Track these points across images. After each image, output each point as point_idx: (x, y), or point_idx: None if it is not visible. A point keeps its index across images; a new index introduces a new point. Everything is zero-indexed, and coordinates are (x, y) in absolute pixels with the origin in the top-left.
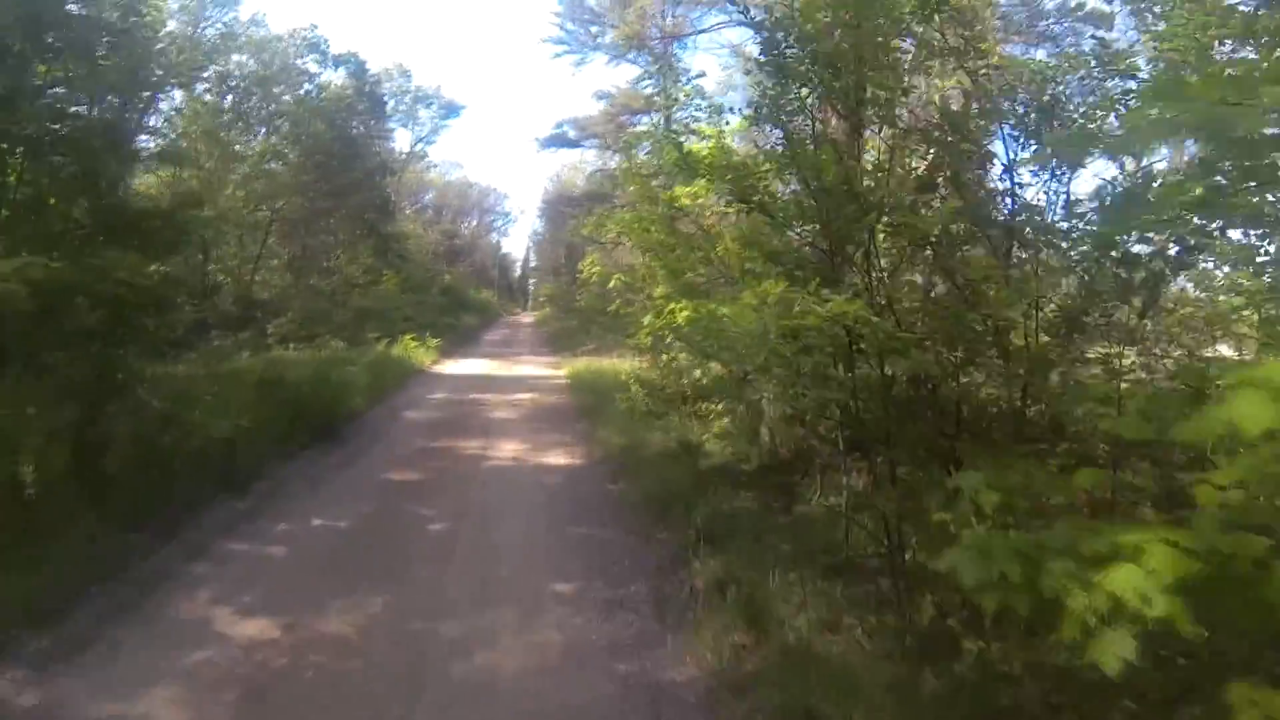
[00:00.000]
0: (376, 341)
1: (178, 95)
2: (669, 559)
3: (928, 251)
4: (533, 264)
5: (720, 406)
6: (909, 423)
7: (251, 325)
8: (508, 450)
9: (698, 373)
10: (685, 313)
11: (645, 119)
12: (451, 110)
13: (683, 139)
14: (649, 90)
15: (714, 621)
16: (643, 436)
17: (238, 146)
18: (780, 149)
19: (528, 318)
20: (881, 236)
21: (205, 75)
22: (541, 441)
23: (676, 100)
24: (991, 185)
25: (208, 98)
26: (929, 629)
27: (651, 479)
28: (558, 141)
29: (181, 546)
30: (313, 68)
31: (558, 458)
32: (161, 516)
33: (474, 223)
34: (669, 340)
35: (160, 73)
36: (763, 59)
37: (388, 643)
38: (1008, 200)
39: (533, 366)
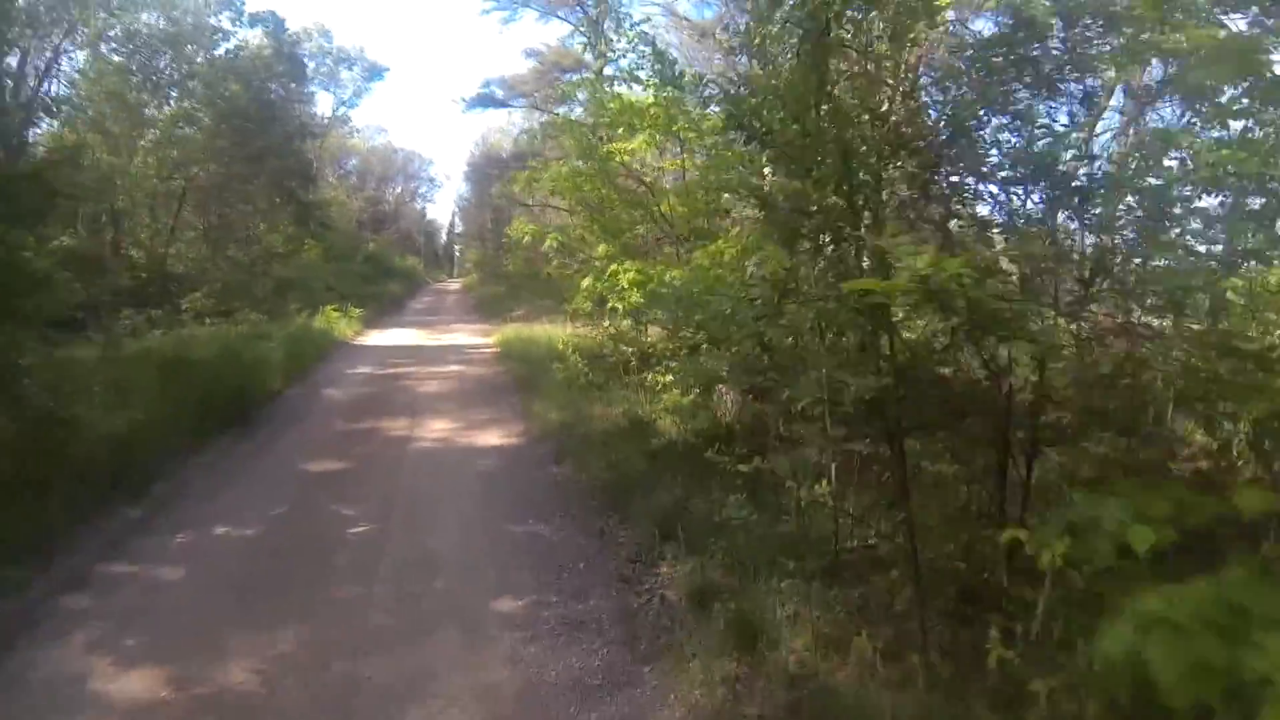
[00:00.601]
0: (297, 314)
1: (80, 56)
2: (631, 563)
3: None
4: (458, 230)
5: (669, 377)
6: (967, 414)
7: (166, 301)
8: (437, 430)
9: (649, 337)
10: (629, 274)
11: (578, 77)
12: (375, 72)
13: (624, 88)
14: (582, 46)
15: (697, 644)
16: (584, 410)
17: (149, 110)
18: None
19: (454, 284)
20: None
21: (112, 34)
22: (474, 419)
23: (613, 51)
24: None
25: (115, 58)
26: (952, 644)
27: (599, 461)
28: (484, 101)
29: (59, 574)
30: (227, 26)
31: (492, 437)
32: (38, 537)
33: (399, 189)
34: (611, 305)
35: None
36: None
37: (304, 697)
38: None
39: (461, 335)
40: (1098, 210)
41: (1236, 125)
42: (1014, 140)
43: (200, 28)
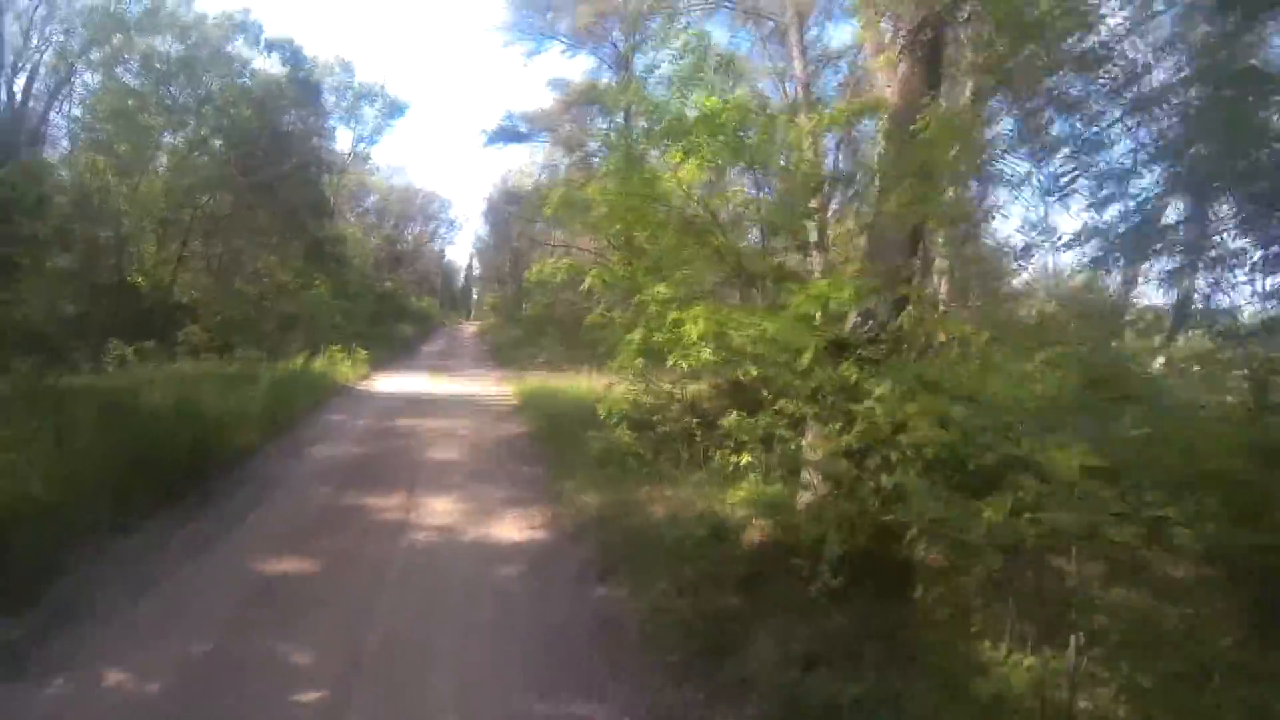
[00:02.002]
0: (298, 353)
1: (91, 79)
2: None
3: None
4: (476, 272)
5: (746, 457)
6: None
7: (169, 333)
8: (440, 514)
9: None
10: (699, 323)
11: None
12: (396, 109)
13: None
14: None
15: None
16: (630, 496)
17: (166, 136)
18: None
19: (470, 327)
20: None
21: (127, 56)
22: (488, 498)
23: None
24: None
25: (129, 80)
26: None
27: (662, 580)
28: (506, 135)
29: None
30: (244, 53)
31: (511, 529)
32: None
33: (417, 230)
34: (673, 362)
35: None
36: None
37: None
38: None
39: (475, 384)
40: None
41: None
42: None
43: (215, 54)
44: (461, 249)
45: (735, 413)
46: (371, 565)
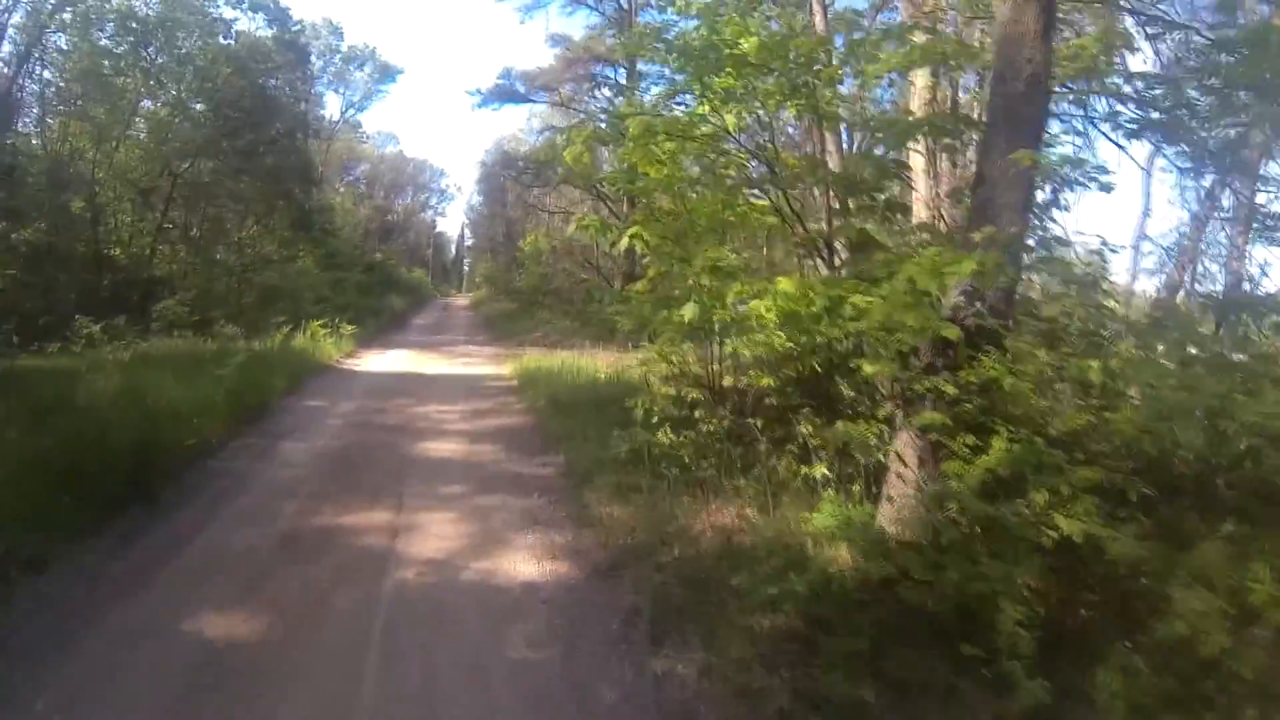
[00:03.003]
0: (279, 328)
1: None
2: None
3: None
4: (468, 242)
5: (822, 469)
6: None
7: (141, 307)
8: (435, 537)
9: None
10: (781, 294)
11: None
12: (387, 74)
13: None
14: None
15: None
16: (671, 511)
17: (146, 103)
18: None
19: (463, 299)
20: None
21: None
22: (492, 514)
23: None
24: None
25: (104, 41)
26: None
27: (743, 644)
28: (502, 96)
29: None
30: (227, 13)
31: (525, 561)
32: None
33: (408, 199)
34: (732, 348)
35: None
36: None
37: None
38: None
39: (470, 361)
40: None
41: None
42: None
43: (195, 11)
44: (454, 220)
45: (807, 411)
46: (348, 624)
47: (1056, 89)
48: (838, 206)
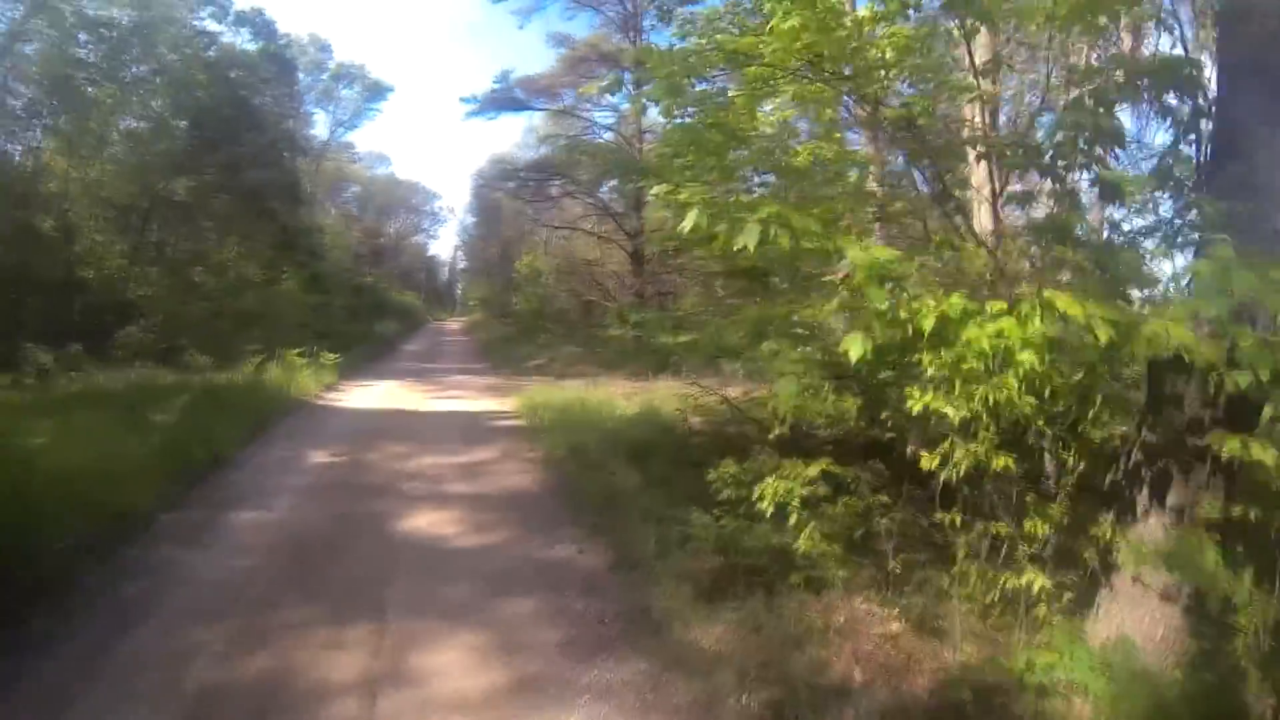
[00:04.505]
0: (253, 357)
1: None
2: None
3: None
4: (462, 265)
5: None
6: None
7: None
8: (436, 689)
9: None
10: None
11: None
12: (377, 92)
13: None
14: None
15: None
16: (785, 628)
17: (126, 120)
18: None
19: (456, 324)
20: None
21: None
22: (521, 639)
23: None
24: None
25: (79, 52)
26: None
27: None
28: (499, 104)
29: None
30: (211, 26)
31: None
32: None
33: (400, 222)
34: (925, 404)
35: None
36: None
37: None
38: None
39: (465, 394)
40: None
41: None
42: None
43: (173, 19)
44: (446, 243)
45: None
46: None
47: None
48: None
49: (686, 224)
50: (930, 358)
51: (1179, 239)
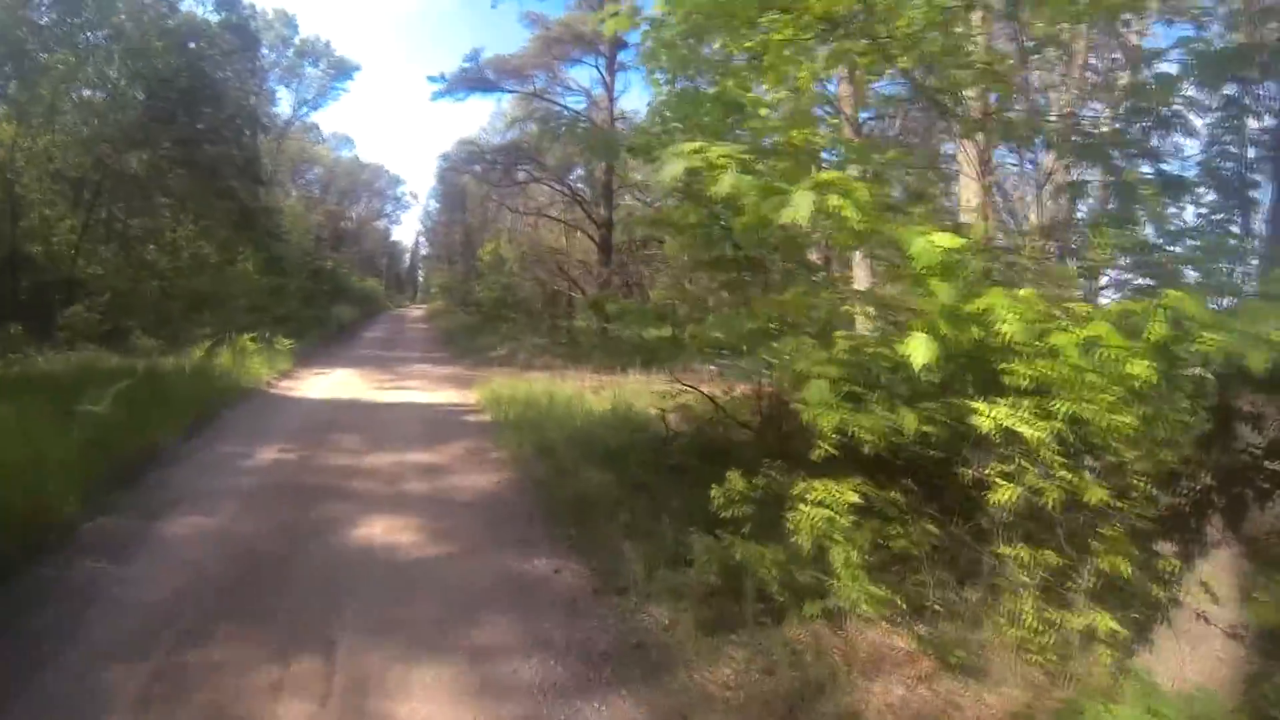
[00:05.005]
0: (204, 340)
1: None
2: None
3: None
4: (424, 251)
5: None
6: None
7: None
8: None
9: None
10: None
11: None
12: (343, 71)
13: None
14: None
15: None
16: (802, 669)
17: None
18: None
19: (418, 310)
20: None
21: None
22: (494, 673)
23: None
24: None
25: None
26: None
27: None
28: (468, 84)
29: None
30: None
31: None
32: None
33: (363, 206)
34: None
35: None
36: None
37: None
38: None
39: (426, 385)
40: None
41: None
42: None
43: None
44: (409, 229)
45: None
46: None
47: None
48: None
49: (723, 185)
50: (1024, 368)
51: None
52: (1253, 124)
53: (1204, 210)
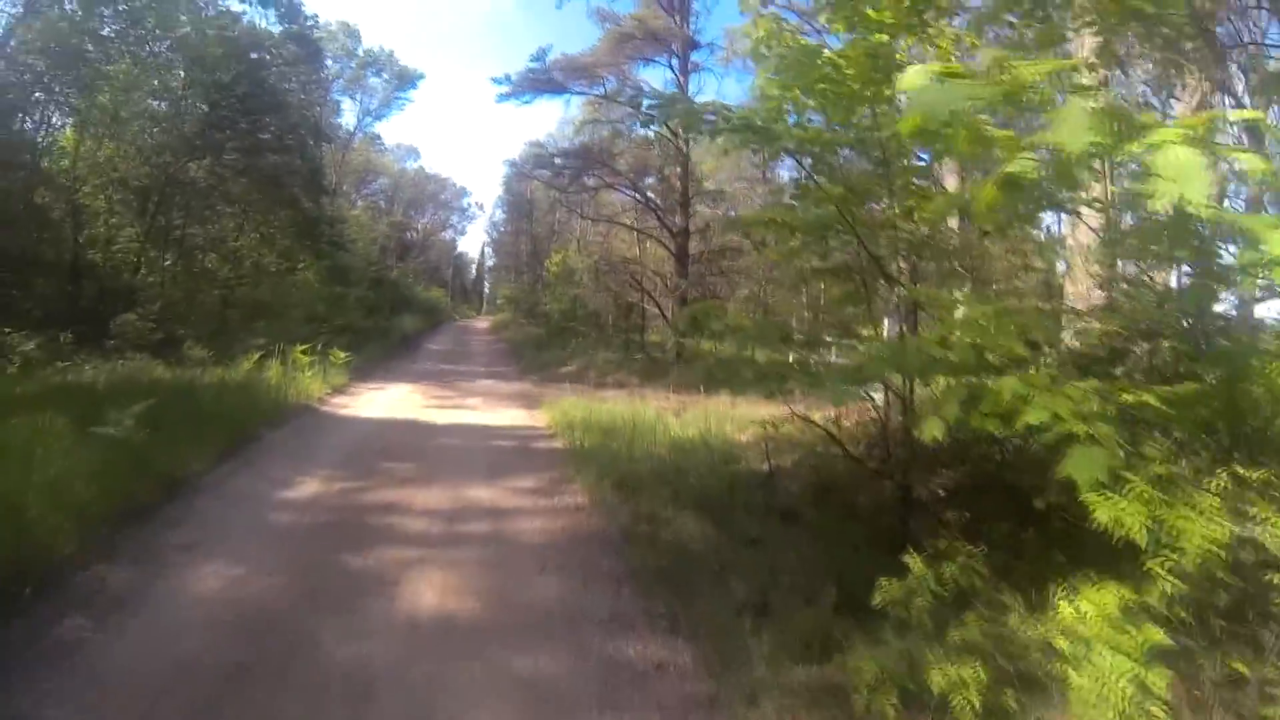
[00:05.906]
0: (254, 351)
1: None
2: None
3: None
4: (490, 262)
5: None
6: None
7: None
8: None
9: None
10: None
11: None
12: (407, 80)
13: None
14: None
15: None
16: None
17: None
18: None
19: (483, 322)
20: None
21: None
22: None
23: None
24: None
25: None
26: None
27: None
28: (535, 85)
29: None
30: (235, 5)
31: None
32: None
33: (428, 218)
34: None
35: None
36: None
37: None
38: None
39: (490, 403)
40: None
41: None
42: None
43: None
44: (475, 240)
45: None
46: None
47: None
48: None
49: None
50: None
51: None
52: None
53: None
